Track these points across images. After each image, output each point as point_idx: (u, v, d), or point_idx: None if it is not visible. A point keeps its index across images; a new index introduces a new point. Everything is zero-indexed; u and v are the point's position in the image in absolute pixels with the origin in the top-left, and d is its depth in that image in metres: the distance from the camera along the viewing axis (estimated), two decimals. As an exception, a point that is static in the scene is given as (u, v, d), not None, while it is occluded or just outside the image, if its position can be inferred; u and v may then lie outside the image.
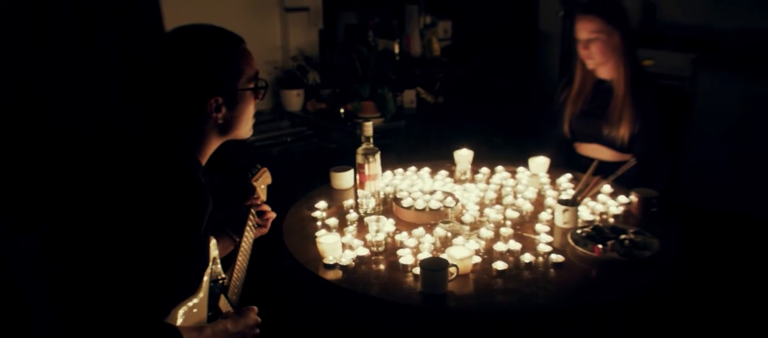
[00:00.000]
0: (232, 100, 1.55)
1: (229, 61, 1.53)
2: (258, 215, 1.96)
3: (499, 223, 2.15)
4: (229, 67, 1.54)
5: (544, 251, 1.93)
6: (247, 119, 1.63)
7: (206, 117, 1.53)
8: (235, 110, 1.57)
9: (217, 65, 1.51)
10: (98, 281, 1.35)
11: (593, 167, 2.24)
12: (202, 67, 1.49)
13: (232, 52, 1.55)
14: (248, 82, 1.58)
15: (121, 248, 1.35)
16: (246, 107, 1.60)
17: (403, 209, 2.20)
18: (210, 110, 1.51)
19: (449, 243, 1.99)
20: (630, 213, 2.23)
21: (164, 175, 1.44)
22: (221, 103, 1.52)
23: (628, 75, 2.66)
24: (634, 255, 1.88)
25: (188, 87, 1.49)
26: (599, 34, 2.62)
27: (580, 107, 2.83)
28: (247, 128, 1.65)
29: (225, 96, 1.53)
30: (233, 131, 1.61)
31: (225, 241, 1.89)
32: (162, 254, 1.38)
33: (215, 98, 1.51)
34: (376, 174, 2.22)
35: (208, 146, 1.59)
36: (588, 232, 2.01)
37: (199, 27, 1.55)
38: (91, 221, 1.44)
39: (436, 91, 4.21)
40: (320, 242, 1.93)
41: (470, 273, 1.83)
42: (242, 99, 1.58)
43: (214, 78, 1.51)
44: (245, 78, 1.57)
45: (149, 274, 1.35)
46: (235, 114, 1.57)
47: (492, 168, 2.67)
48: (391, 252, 1.96)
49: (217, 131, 1.57)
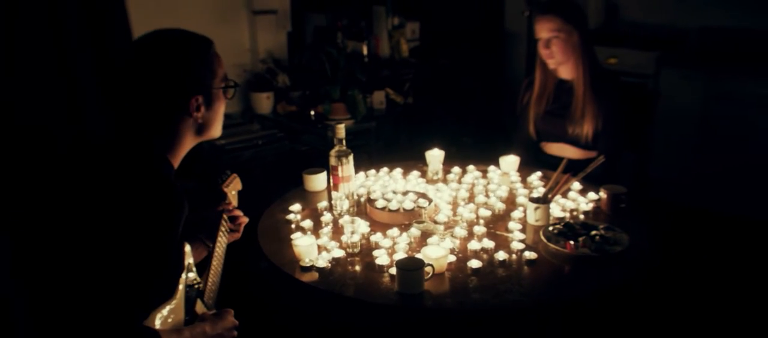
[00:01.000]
0: (210, 99, 1.59)
1: (206, 62, 1.57)
2: (230, 220, 1.96)
3: (472, 222, 2.17)
4: (206, 67, 1.57)
5: (518, 248, 1.96)
6: (221, 118, 1.67)
7: (185, 117, 1.55)
8: (211, 110, 1.61)
9: (198, 65, 1.55)
10: (74, 285, 1.35)
11: (562, 165, 2.28)
12: (185, 66, 1.53)
13: (207, 53, 1.58)
14: (221, 81, 1.62)
15: (96, 252, 1.34)
16: (220, 106, 1.64)
17: (377, 210, 2.22)
18: (191, 109, 1.54)
19: (424, 243, 2.01)
20: (600, 210, 2.27)
21: (139, 178, 1.44)
22: (201, 102, 1.56)
23: (588, 73, 2.71)
24: (605, 250, 1.91)
25: (172, 86, 1.52)
26: (559, 32, 2.67)
27: (543, 108, 2.88)
28: (219, 127, 1.68)
29: (204, 95, 1.57)
30: (209, 130, 1.64)
31: (198, 247, 1.89)
32: (138, 257, 1.38)
33: (196, 97, 1.54)
34: (349, 176, 2.23)
35: (182, 147, 1.60)
36: (559, 229, 2.04)
37: (173, 30, 1.58)
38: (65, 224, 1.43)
39: (405, 91, 4.23)
40: (296, 244, 1.94)
41: (446, 271, 1.85)
42: (217, 98, 1.62)
43: (196, 77, 1.54)
44: (219, 78, 1.61)
45: (126, 278, 1.34)
46: (211, 114, 1.61)
47: (463, 168, 2.70)
48: (366, 253, 1.97)
49: (193, 131, 1.60)
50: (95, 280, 1.33)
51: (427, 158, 2.69)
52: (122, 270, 1.35)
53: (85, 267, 1.34)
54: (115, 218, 1.37)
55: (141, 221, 1.38)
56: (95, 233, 1.36)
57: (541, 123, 2.89)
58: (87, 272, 1.34)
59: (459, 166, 2.70)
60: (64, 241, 1.41)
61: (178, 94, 1.53)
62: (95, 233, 1.36)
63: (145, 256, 1.38)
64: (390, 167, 2.73)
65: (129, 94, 1.54)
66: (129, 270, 1.36)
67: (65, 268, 1.38)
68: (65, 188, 1.49)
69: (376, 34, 4.39)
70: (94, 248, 1.35)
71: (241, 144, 3.52)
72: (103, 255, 1.34)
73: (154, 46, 1.54)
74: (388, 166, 2.74)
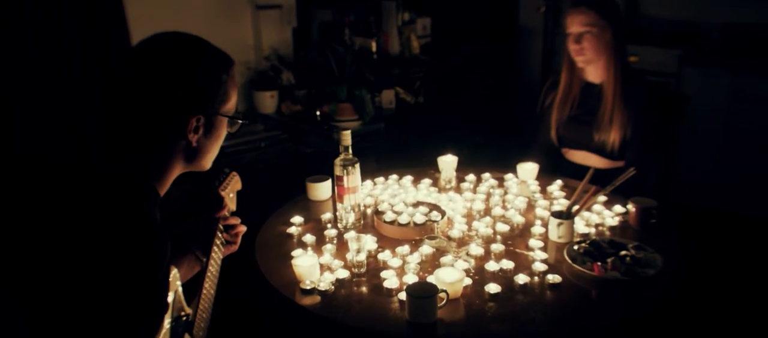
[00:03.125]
0: (211, 124, 1.38)
1: (220, 81, 1.37)
2: (226, 229, 1.77)
3: (489, 238, 2.00)
4: (220, 87, 1.37)
5: (539, 270, 1.78)
6: (216, 150, 1.47)
7: (179, 138, 1.34)
8: (209, 138, 1.40)
9: (211, 80, 1.35)
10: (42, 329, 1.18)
11: (589, 175, 2.09)
12: (196, 77, 1.33)
13: (224, 71, 1.38)
14: (229, 110, 1.42)
15: (64, 296, 1.17)
16: (219, 137, 1.44)
17: (385, 224, 2.05)
18: (189, 129, 1.33)
19: (436, 262, 1.84)
20: (627, 224, 2.09)
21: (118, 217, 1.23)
22: (201, 124, 1.35)
23: (619, 76, 2.52)
24: (636, 274, 1.74)
25: (174, 95, 1.31)
26: (592, 27, 2.49)
27: (567, 112, 2.69)
28: (211, 160, 1.48)
29: (207, 117, 1.36)
30: (199, 159, 1.43)
31: (190, 261, 1.71)
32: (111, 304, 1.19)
33: (198, 117, 1.33)
34: (355, 186, 2.06)
35: (170, 174, 1.40)
36: (585, 247, 1.87)
37: (193, 36, 1.38)
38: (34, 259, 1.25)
39: (415, 90, 4.06)
40: (296, 264, 1.77)
41: (461, 297, 1.67)
42: (219, 127, 1.42)
43: (204, 93, 1.34)
44: (229, 105, 1.42)
45: (98, 324, 1.17)
46: (207, 142, 1.41)
47: (478, 175, 2.52)
48: (373, 273, 1.80)
49: (183, 157, 1.39)
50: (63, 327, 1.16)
51: (439, 164, 2.52)
52: (92, 317, 1.17)
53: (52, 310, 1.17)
54: (88, 261, 1.18)
55: (116, 268, 1.19)
56: (64, 276, 1.18)
57: (564, 129, 2.70)
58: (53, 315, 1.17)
59: (474, 173, 2.52)
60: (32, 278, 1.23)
61: (179, 106, 1.32)
62: (64, 276, 1.18)
63: (119, 304, 1.19)
64: (399, 173, 2.56)
65: (126, 101, 1.34)
66: (101, 316, 1.18)
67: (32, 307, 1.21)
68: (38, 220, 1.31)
69: (386, 30, 4.22)
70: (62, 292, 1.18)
71: (243, 146, 3.36)
72: (70, 299, 1.17)
73: (166, 45, 1.35)
74: (398, 173, 2.57)
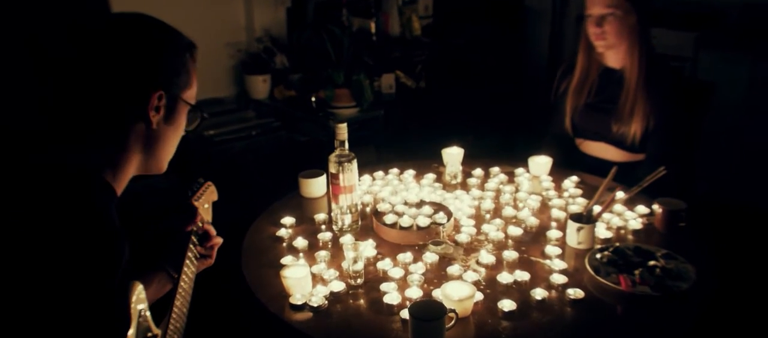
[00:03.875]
0: (172, 107, 1.23)
1: (183, 59, 1.24)
2: (200, 241, 1.57)
3: (500, 243, 1.80)
4: (182, 67, 1.24)
5: (559, 283, 1.58)
6: (173, 144, 1.30)
7: (138, 117, 1.18)
8: (169, 124, 1.24)
9: (174, 57, 1.22)
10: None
11: (612, 174, 1.89)
12: (155, 48, 1.19)
13: (188, 51, 1.25)
14: (190, 99, 1.28)
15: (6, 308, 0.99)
16: (178, 128, 1.27)
17: (385, 227, 1.85)
18: (150, 106, 1.17)
19: (442, 272, 1.64)
20: (652, 228, 1.89)
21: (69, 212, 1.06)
22: (162, 104, 1.20)
23: (643, 62, 2.31)
24: (668, 288, 1.54)
25: (132, 68, 1.16)
26: (616, 9, 2.27)
27: (583, 99, 2.48)
28: (167, 159, 1.30)
29: (168, 98, 1.21)
30: (156, 150, 1.25)
31: (161, 279, 1.51)
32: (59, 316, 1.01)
33: (160, 94, 1.18)
34: (352, 185, 1.85)
35: (126, 166, 1.22)
36: (609, 256, 1.67)
37: (151, 17, 1.23)
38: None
39: (417, 74, 3.87)
40: (285, 276, 1.57)
41: (471, 315, 1.48)
42: (179, 114, 1.26)
43: (165, 67, 1.20)
44: (191, 92, 1.28)
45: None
46: (167, 130, 1.24)
47: (486, 169, 2.32)
48: (372, 285, 1.61)
49: (142, 144, 1.22)
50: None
51: (443, 156, 2.32)
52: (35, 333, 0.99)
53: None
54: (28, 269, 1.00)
55: (63, 274, 1.01)
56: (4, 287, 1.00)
57: (580, 117, 2.49)
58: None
59: (481, 167, 2.32)
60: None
61: (139, 78, 1.16)
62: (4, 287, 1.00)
63: (66, 317, 1.01)
64: (401, 167, 2.36)
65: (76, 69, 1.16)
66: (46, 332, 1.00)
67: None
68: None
69: (385, 10, 4.02)
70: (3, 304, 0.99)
71: (232, 135, 3.15)
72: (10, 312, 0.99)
73: (128, 21, 1.21)
74: (399, 166, 2.37)
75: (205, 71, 3.60)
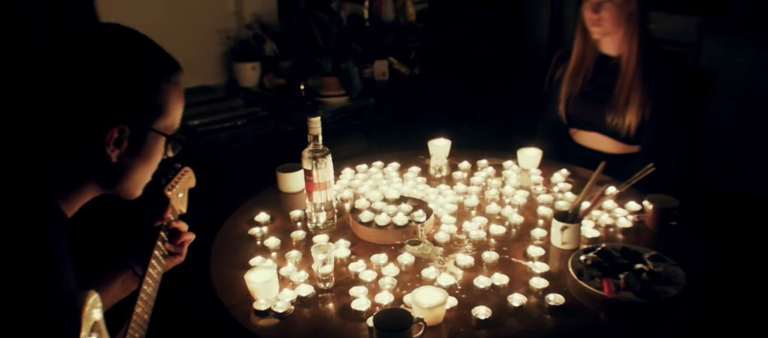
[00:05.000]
0: (140, 141, 1.11)
1: (155, 87, 1.10)
2: (171, 238, 1.48)
3: (481, 242, 1.71)
4: (154, 94, 1.10)
5: (538, 287, 1.49)
6: (146, 176, 1.19)
7: (94, 150, 1.07)
8: (136, 157, 1.13)
9: (141, 83, 1.08)
10: None
11: (598, 170, 1.79)
12: (117, 74, 1.06)
13: (163, 77, 1.11)
14: (167, 128, 1.15)
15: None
16: (149, 159, 1.16)
17: (361, 226, 1.76)
18: (107, 141, 1.06)
19: (418, 274, 1.56)
20: (643, 226, 1.80)
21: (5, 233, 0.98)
22: (125, 137, 1.08)
23: (640, 51, 2.21)
24: (654, 294, 1.45)
25: (92, 99, 1.04)
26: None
27: (579, 87, 2.38)
28: (139, 187, 1.20)
29: (133, 130, 1.09)
30: (122, 182, 1.15)
31: (126, 279, 1.43)
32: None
33: (121, 128, 1.06)
34: (326, 181, 1.76)
35: (81, 195, 1.13)
36: (594, 258, 1.58)
37: (127, 34, 1.11)
38: None
39: (411, 61, 3.77)
40: (249, 280, 1.49)
41: (443, 323, 1.39)
42: (151, 146, 1.14)
43: (129, 97, 1.07)
44: (169, 121, 1.14)
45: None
46: (134, 162, 1.13)
47: (474, 162, 2.23)
48: (344, 289, 1.52)
49: (98, 175, 1.12)
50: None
51: (429, 148, 2.23)
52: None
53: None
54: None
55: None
56: None
57: (574, 106, 2.39)
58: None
59: (469, 159, 2.23)
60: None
61: (94, 109, 1.05)
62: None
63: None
64: (385, 160, 2.27)
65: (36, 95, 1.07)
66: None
67: None
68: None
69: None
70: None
71: (217, 124, 3.05)
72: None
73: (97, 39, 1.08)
74: (384, 159, 2.28)
75: (194, 59, 3.52)
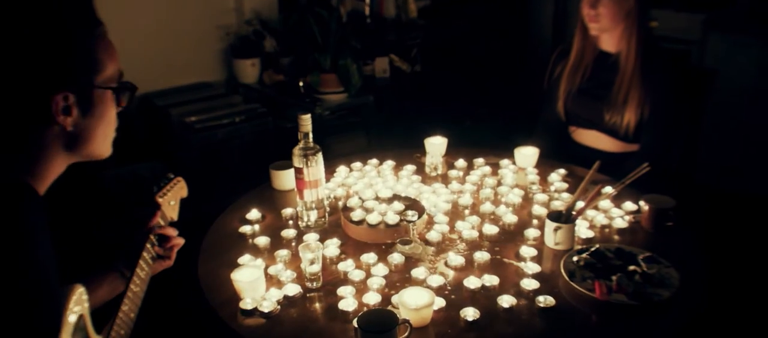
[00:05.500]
0: (88, 101, 1.12)
1: (81, 45, 1.11)
2: (160, 242, 1.47)
3: (474, 242, 1.69)
4: (83, 53, 1.11)
5: (529, 289, 1.47)
6: (107, 132, 1.20)
7: (47, 124, 1.09)
8: (91, 117, 1.14)
9: (66, 45, 1.09)
10: None
11: (593, 170, 1.76)
12: (48, 49, 1.06)
13: (86, 33, 1.13)
14: (110, 80, 1.15)
15: None
16: (104, 116, 1.16)
17: (351, 225, 1.74)
18: (55, 111, 1.07)
19: (407, 274, 1.54)
20: (639, 226, 1.77)
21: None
22: (72, 103, 1.09)
23: (639, 48, 2.17)
24: (646, 296, 1.42)
25: (25, 76, 1.06)
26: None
27: (578, 84, 2.35)
28: (105, 145, 1.21)
29: (78, 94, 1.10)
30: (87, 145, 1.16)
31: (114, 280, 1.42)
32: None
33: (64, 95, 1.08)
34: (317, 179, 1.74)
35: (49, 168, 1.13)
36: (587, 259, 1.55)
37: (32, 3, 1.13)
38: None
39: (412, 58, 3.74)
40: (235, 279, 1.47)
41: (430, 325, 1.37)
42: (101, 103, 1.15)
43: (64, 65, 1.08)
44: (106, 74, 1.15)
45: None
46: (90, 122, 1.14)
47: (470, 160, 2.20)
48: (331, 289, 1.50)
49: (62, 145, 1.13)
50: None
51: (425, 146, 2.20)
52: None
53: None
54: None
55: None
56: None
57: (572, 103, 2.36)
58: None
59: (465, 158, 2.20)
60: None
61: (35, 87, 1.06)
62: None
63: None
64: (381, 158, 2.25)
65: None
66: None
67: None
68: None
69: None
70: None
71: (215, 121, 3.03)
72: None
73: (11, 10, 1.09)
74: (379, 156, 2.26)
75: (194, 55, 3.51)
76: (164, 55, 3.28)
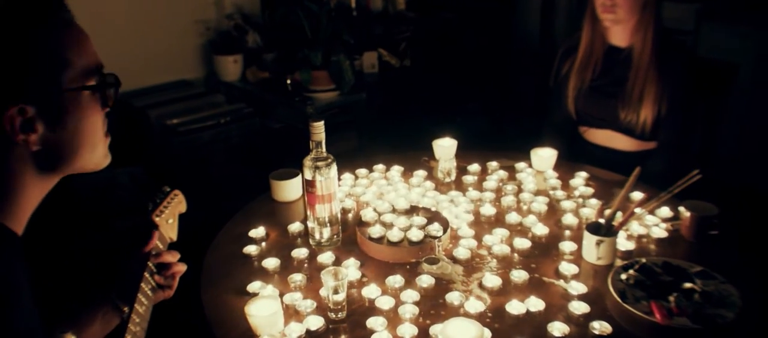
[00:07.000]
0: (56, 109, 0.91)
1: (34, 43, 0.88)
2: (159, 269, 1.29)
3: (506, 258, 1.54)
4: (45, 53, 0.90)
5: (579, 313, 1.33)
6: (91, 140, 0.98)
7: (6, 146, 0.89)
8: (64, 126, 0.93)
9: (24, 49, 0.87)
10: None
11: (634, 176, 1.62)
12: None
13: (38, 23, 0.89)
14: (84, 77, 0.94)
15: None
16: (82, 120, 0.95)
17: (371, 243, 1.57)
18: (10, 132, 0.87)
19: (440, 298, 1.38)
20: (679, 235, 1.64)
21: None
22: (33, 115, 0.89)
23: (655, 40, 2.05)
24: (709, 318, 1.29)
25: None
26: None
27: (588, 80, 2.22)
28: (96, 155, 1.01)
29: (39, 104, 0.89)
30: (67, 162, 0.96)
31: (107, 313, 1.24)
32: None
33: (19, 108, 0.87)
34: (331, 193, 1.57)
35: (20, 197, 0.94)
36: (636, 276, 1.41)
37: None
38: None
39: (401, 52, 3.58)
40: (251, 315, 1.30)
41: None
42: (76, 107, 0.94)
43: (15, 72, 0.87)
44: (77, 71, 0.93)
45: None
46: (64, 135, 0.93)
47: (483, 164, 2.05)
48: (357, 320, 1.34)
49: (33, 167, 0.93)
50: None
51: (434, 149, 2.05)
52: None
53: None
54: None
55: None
56: None
57: (583, 102, 2.23)
58: None
59: (478, 161, 2.06)
60: None
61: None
62: None
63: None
64: (387, 163, 2.09)
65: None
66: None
67: None
68: None
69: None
70: None
71: (199, 123, 2.84)
72: None
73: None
74: (384, 162, 2.09)
75: (171, 52, 3.29)
76: (139, 52, 3.06)
